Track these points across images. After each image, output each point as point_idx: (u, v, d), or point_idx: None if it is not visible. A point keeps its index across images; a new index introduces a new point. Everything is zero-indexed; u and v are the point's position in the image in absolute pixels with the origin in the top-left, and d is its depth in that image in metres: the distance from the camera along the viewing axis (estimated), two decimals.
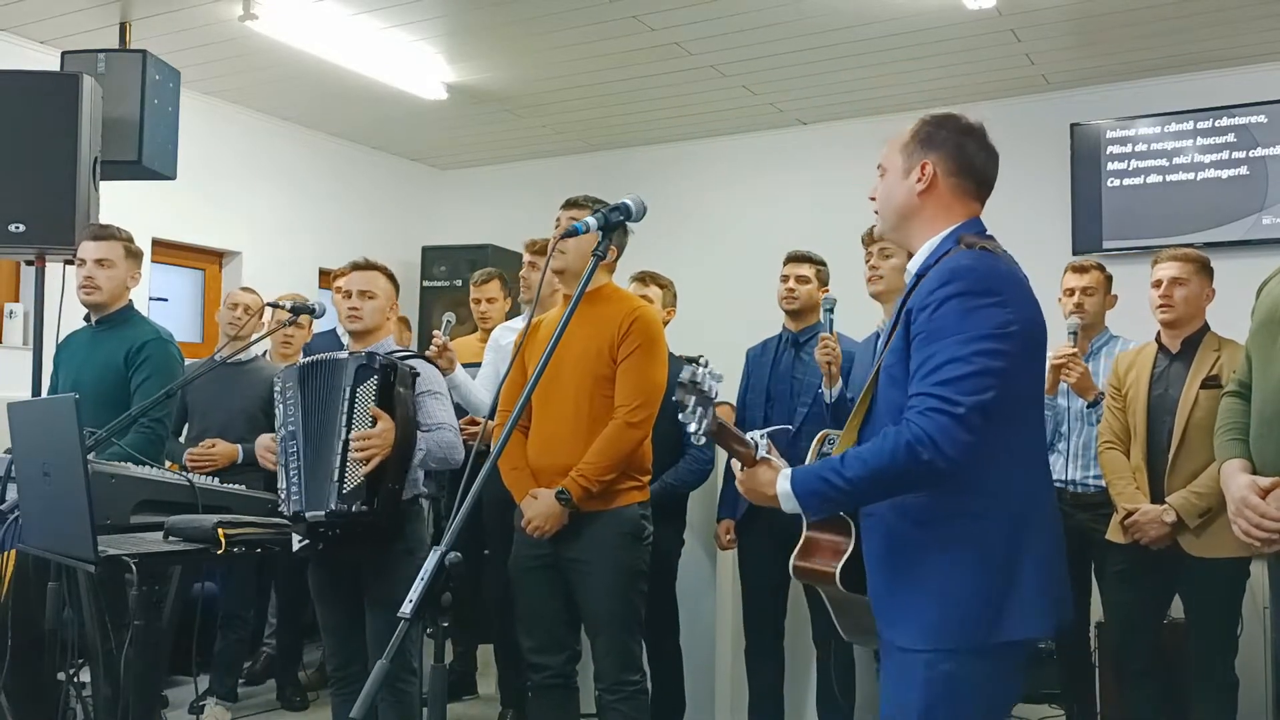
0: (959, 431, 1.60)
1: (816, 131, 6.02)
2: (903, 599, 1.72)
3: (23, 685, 2.97)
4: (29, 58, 4.71)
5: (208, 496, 2.73)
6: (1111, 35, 4.71)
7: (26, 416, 2.64)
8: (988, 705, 1.73)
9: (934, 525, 1.69)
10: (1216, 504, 2.82)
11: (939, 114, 1.93)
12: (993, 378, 1.62)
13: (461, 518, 1.59)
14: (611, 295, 2.79)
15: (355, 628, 2.80)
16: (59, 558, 2.53)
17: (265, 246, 5.91)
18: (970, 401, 1.60)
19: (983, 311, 1.66)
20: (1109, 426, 3.16)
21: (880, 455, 1.64)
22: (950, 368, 1.63)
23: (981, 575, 1.68)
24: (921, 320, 1.70)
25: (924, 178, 1.86)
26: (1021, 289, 1.76)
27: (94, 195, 3.65)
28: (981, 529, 1.68)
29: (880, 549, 1.76)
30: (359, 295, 2.97)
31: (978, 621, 1.67)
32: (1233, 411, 2.28)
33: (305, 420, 2.71)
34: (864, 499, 1.73)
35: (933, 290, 1.70)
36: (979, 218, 1.89)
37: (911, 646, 1.71)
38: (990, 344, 1.64)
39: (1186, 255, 3.07)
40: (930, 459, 1.60)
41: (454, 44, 4.96)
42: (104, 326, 3.26)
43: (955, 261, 1.73)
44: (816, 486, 1.69)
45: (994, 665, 1.70)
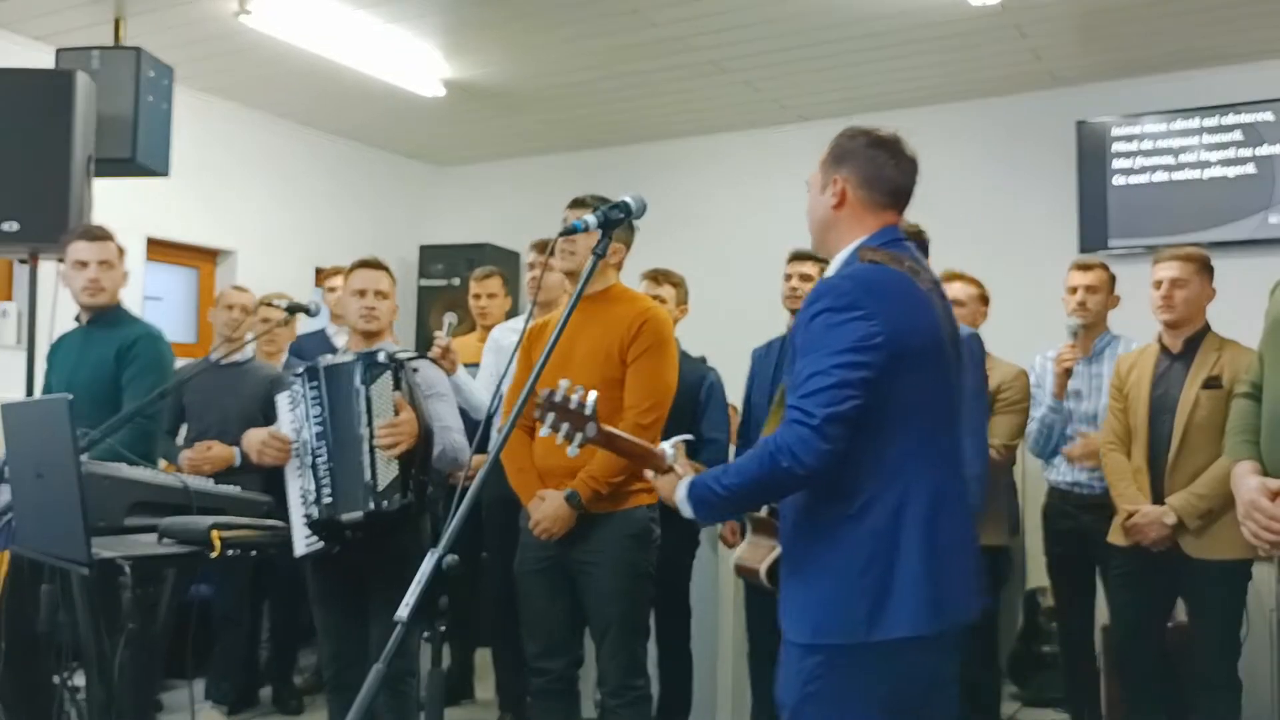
0: (816, 441, 1.71)
1: (819, 128, 5.93)
2: (791, 594, 1.86)
3: (16, 688, 2.95)
4: (23, 55, 4.67)
5: (202, 498, 2.70)
6: (1117, 31, 4.68)
7: (19, 417, 2.61)
8: (867, 702, 1.79)
9: (818, 527, 1.81)
10: (1217, 505, 2.81)
11: (854, 128, 1.99)
12: (852, 389, 1.72)
13: (459, 520, 1.56)
14: (621, 295, 2.77)
15: (354, 632, 2.78)
16: (52, 560, 2.50)
17: (260, 245, 5.87)
18: (825, 413, 1.71)
19: (847, 326, 1.75)
20: (1110, 428, 3.13)
21: (750, 465, 1.78)
22: (813, 380, 1.74)
23: (858, 577, 1.76)
24: (798, 335, 1.83)
25: (836, 193, 1.93)
26: (896, 302, 1.82)
27: (88, 193, 3.63)
28: (860, 530, 1.77)
29: (785, 550, 1.91)
30: (375, 294, 2.95)
31: (856, 619, 1.76)
32: (1244, 413, 2.25)
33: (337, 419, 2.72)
34: (742, 505, 1.92)
35: (807, 307, 1.82)
36: (894, 226, 1.94)
37: (796, 640, 1.83)
38: (850, 356, 1.73)
39: (1187, 255, 3.04)
40: (789, 467, 1.72)
41: (452, 40, 4.92)
42: (96, 326, 3.24)
43: (828, 280, 1.86)
44: (703, 494, 1.84)
45: (874, 663, 1.77)
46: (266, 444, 2.79)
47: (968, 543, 1.87)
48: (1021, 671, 4.18)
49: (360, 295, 2.96)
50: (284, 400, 2.81)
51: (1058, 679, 3.98)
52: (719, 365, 3.71)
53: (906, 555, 1.77)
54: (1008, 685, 4.12)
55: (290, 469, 2.78)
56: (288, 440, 2.78)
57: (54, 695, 2.82)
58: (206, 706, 3.87)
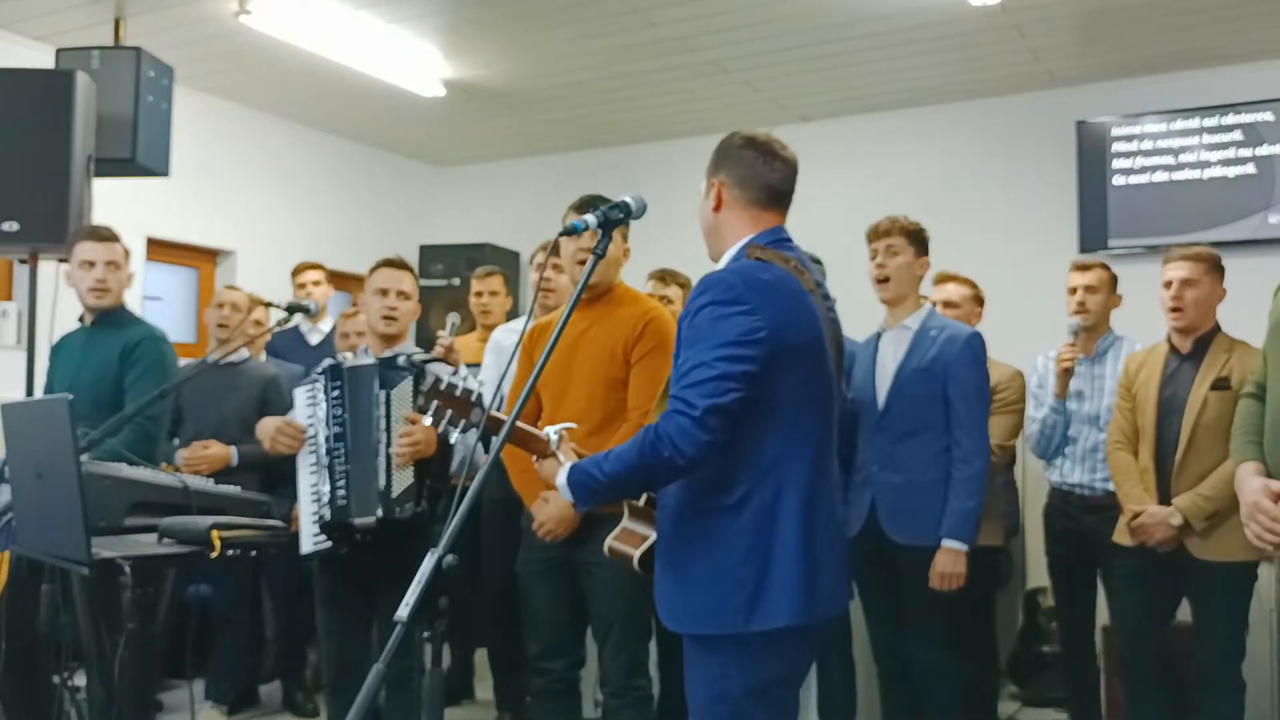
0: (696, 431, 1.73)
1: (819, 128, 5.98)
2: (668, 583, 1.88)
3: (17, 688, 2.95)
4: (23, 55, 4.67)
5: (202, 498, 2.70)
6: (1117, 31, 4.68)
7: (20, 417, 2.61)
8: (759, 687, 1.84)
9: (696, 518, 1.84)
10: (1224, 507, 2.80)
11: (731, 135, 2.05)
12: (734, 381, 1.75)
13: (459, 520, 1.56)
14: (624, 297, 2.74)
15: (358, 634, 2.77)
16: (53, 560, 2.50)
17: (260, 245, 5.87)
18: (706, 404, 1.73)
19: (731, 320, 1.78)
20: (1118, 427, 3.12)
21: (630, 453, 1.79)
22: (695, 372, 1.76)
23: (737, 567, 1.80)
24: (683, 328, 1.85)
25: (714, 195, 2.00)
26: (780, 299, 1.85)
27: (88, 193, 3.63)
28: (738, 522, 1.81)
29: (662, 539, 1.92)
30: (397, 295, 2.91)
31: (732, 610, 1.80)
32: (1249, 414, 2.25)
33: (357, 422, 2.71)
34: (621, 492, 1.91)
35: (692, 300, 1.86)
36: (780, 226, 1.98)
37: (675, 628, 1.87)
38: (733, 350, 1.76)
39: (1198, 255, 3.01)
40: (669, 456, 1.74)
41: (452, 40, 4.92)
42: (100, 327, 3.24)
43: (712, 275, 1.88)
44: (583, 480, 1.85)
45: (758, 652, 1.82)
46: (281, 430, 2.77)
47: (839, 538, 1.93)
48: (1021, 671, 4.18)
49: (382, 295, 2.90)
50: (303, 395, 2.80)
51: (1058, 679, 3.97)
52: None
53: (783, 548, 1.81)
54: (1008, 685, 4.12)
55: (304, 465, 2.77)
56: (302, 429, 2.76)
57: (54, 695, 2.82)
58: (206, 706, 3.87)
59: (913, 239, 2.95)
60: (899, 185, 5.41)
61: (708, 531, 1.83)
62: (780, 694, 1.90)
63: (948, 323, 3.01)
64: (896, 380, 2.91)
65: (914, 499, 2.85)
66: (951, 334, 2.91)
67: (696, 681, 1.88)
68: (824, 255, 3.72)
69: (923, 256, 2.98)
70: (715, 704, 1.85)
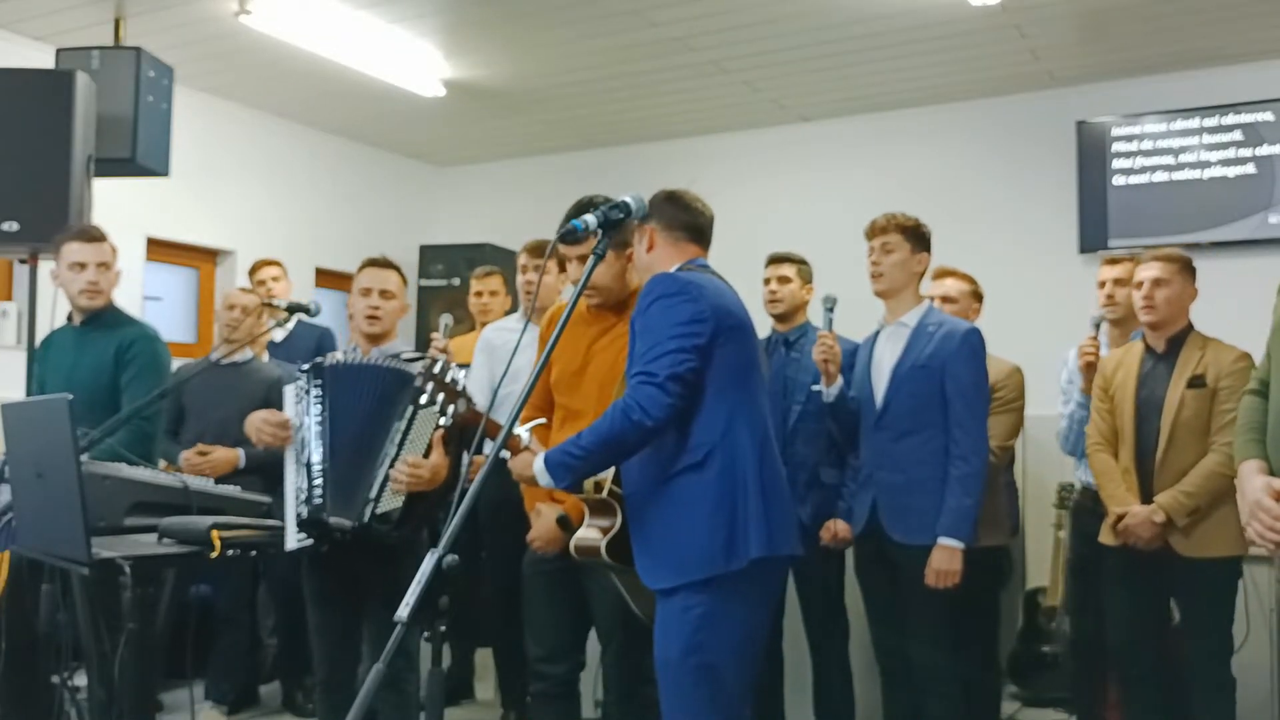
0: (660, 395, 2.04)
1: (819, 128, 5.99)
2: (652, 546, 2.14)
3: (17, 688, 2.96)
4: (23, 55, 4.67)
5: (202, 499, 2.70)
6: (1117, 31, 4.68)
7: (20, 417, 2.61)
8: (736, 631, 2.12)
9: (667, 480, 2.12)
10: (1205, 503, 2.84)
11: (658, 192, 2.37)
12: (688, 354, 2.08)
13: (459, 520, 1.56)
14: None
15: (349, 632, 2.76)
16: (52, 560, 2.51)
17: (260, 245, 5.86)
18: (667, 372, 2.05)
19: (678, 307, 2.12)
20: (1096, 428, 3.13)
21: (603, 424, 2.07)
22: (653, 350, 2.09)
23: (711, 515, 2.09)
24: (637, 324, 2.16)
25: (646, 240, 2.35)
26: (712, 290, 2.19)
27: (88, 193, 3.63)
28: (705, 476, 2.10)
29: (634, 511, 2.18)
30: (380, 294, 2.88)
31: (712, 554, 2.07)
32: (1253, 411, 2.25)
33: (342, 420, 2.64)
34: (598, 463, 2.13)
35: (642, 299, 2.17)
36: (701, 257, 2.35)
37: (665, 585, 2.11)
38: (685, 328, 2.09)
39: (1169, 255, 3.06)
40: (639, 419, 2.03)
41: (452, 40, 4.92)
42: (92, 326, 3.22)
43: (654, 279, 2.21)
44: (561, 458, 2.10)
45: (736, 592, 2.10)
46: (266, 422, 2.73)
47: (784, 484, 2.23)
48: (1021, 671, 4.18)
49: (365, 294, 2.87)
50: (290, 392, 2.78)
51: (1058, 679, 3.98)
52: None
53: (745, 493, 2.11)
54: (1008, 685, 4.12)
55: (289, 462, 2.74)
56: (288, 422, 2.72)
57: (54, 695, 2.82)
58: (206, 706, 3.87)
59: (909, 235, 2.95)
60: (899, 185, 5.41)
61: (679, 491, 2.11)
62: (748, 642, 2.16)
63: (945, 319, 3.00)
64: (894, 378, 2.90)
65: (914, 498, 2.84)
66: (949, 330, 2.90)
67: (670, 637, 2.11)
68: (824, 255, 3.75)
69: (920, 253, 2.97)
70: (687, 656, 2.09)
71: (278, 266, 4.85)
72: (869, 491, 2.94)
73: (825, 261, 3.70)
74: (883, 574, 2.97)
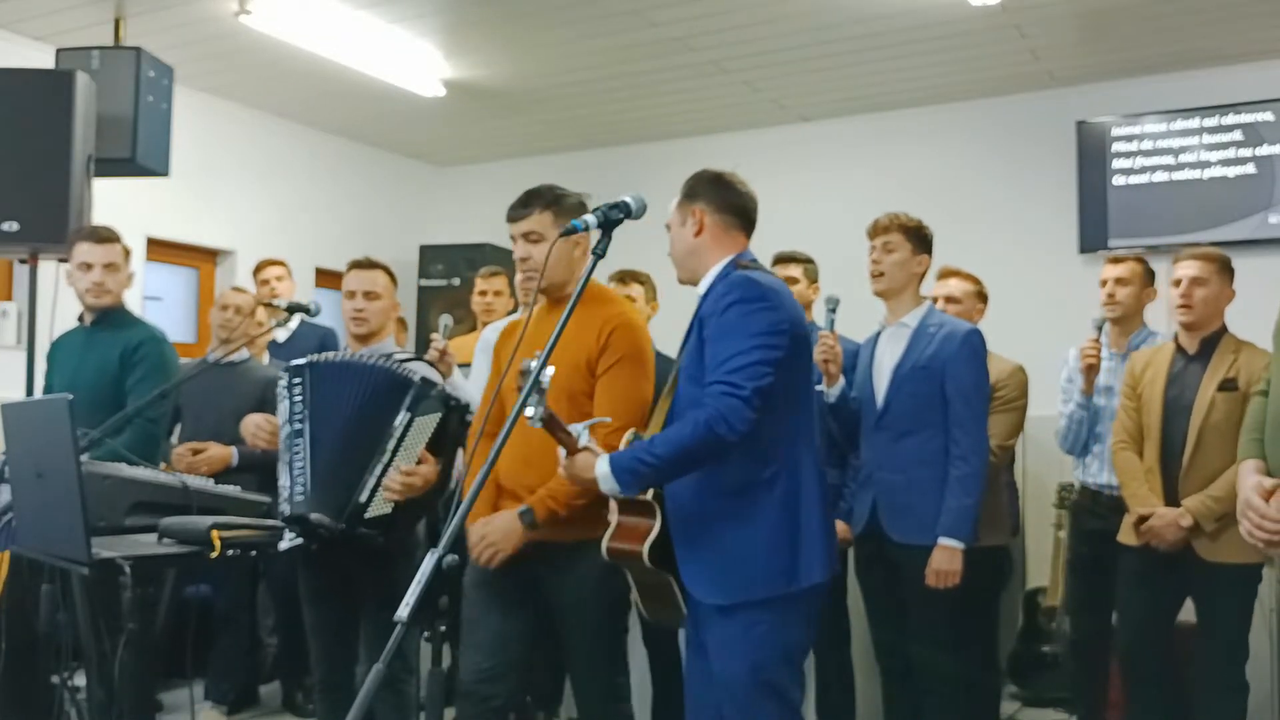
0: (744, 410, 1.98)
1: (819, 128, 5.99)
2: (710, 562, 2.07)
3: (17, 688, 2.95)
4: (23, 55, 4.67)
5: (202, 498, 2.69)
6: (1117, 31, 4.68)
7: (20, 417, 2.61)
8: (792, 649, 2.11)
9: (732, 495, 2.06)
10: (1233, 509, 2.79)
11: (698, 171, 2.30)
12: (768, 366, 2.02)
13: (459, 520, 1.56)
14: (593, 297, 2.47)
15: (344, 631, 2.76)
16: (52, 560, 2.50)
17: (260, 245, 5.86)
18: (753, 385, 1.99)
19: (758, 314, 2.05)
20: (1123, 426, 3.11)
21: (683, 434, 2.01)
22: (735, 359, 2.02)
23: (776, 533, 2.05)
24: (712, 325, 2.09)
25: (695, 221, 2.23)
26: (787, 298, 2.15)
27: (88, 193, 3.63)
28: (771, 494, 2.07)
29: (686, 521, 2.10)
30: (364, 296, 2.90)
31: (776, 574, 2.05)
32: (1258, 411, 2.25)
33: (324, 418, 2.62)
34: (671, 473, 2.05)
35: (718, 300, 2.10)
36: (748, 249, 2.26)
37: (725, 602, 2.06)
38: (765, 339, 2.04)
39: (1207, 255, 3.01)
40: (724, 434, 1.97)
41: (452, 40, 4.92)
42: (99, 327, 3.23)
43: (733, 277, 2.14)
44: (630, 465, 2.02)
45: (793, 613, 2.08)
46: (260, 425, 2.76)
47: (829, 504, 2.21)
48: (1021, 671, 4.18)
49: (350, 297, 2.89)
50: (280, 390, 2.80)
51: (1058, 679, 3.97)
52: None
53: (807, 515, 2.08)
54: (1008, 685, 4.12)
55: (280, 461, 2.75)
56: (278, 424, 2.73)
57: (54, 695, 2.82)
58: (206, 706, 3.87)
59: (911, 236, 2.94)
60: (899, 185, 5.41)
61: (742, 507, 2.06)
62: (799, 660, 2.15)
63: (946, 319, 3.00)
64: (895, 378, 2.90)
65: (914, 498, 2.84)
66: (950, 330, 2.90)
67: (732, 654, 2.06)
68: (824, 255, 3.74)
69: (921, 254, 2.96)
70: (753, 674, 2.05)
71: (282, 266, 4.85)
72: (869, 491, 2.93)
73: (825, 261, 3.69)
74: (883, 574, 2.97)
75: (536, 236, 2.45)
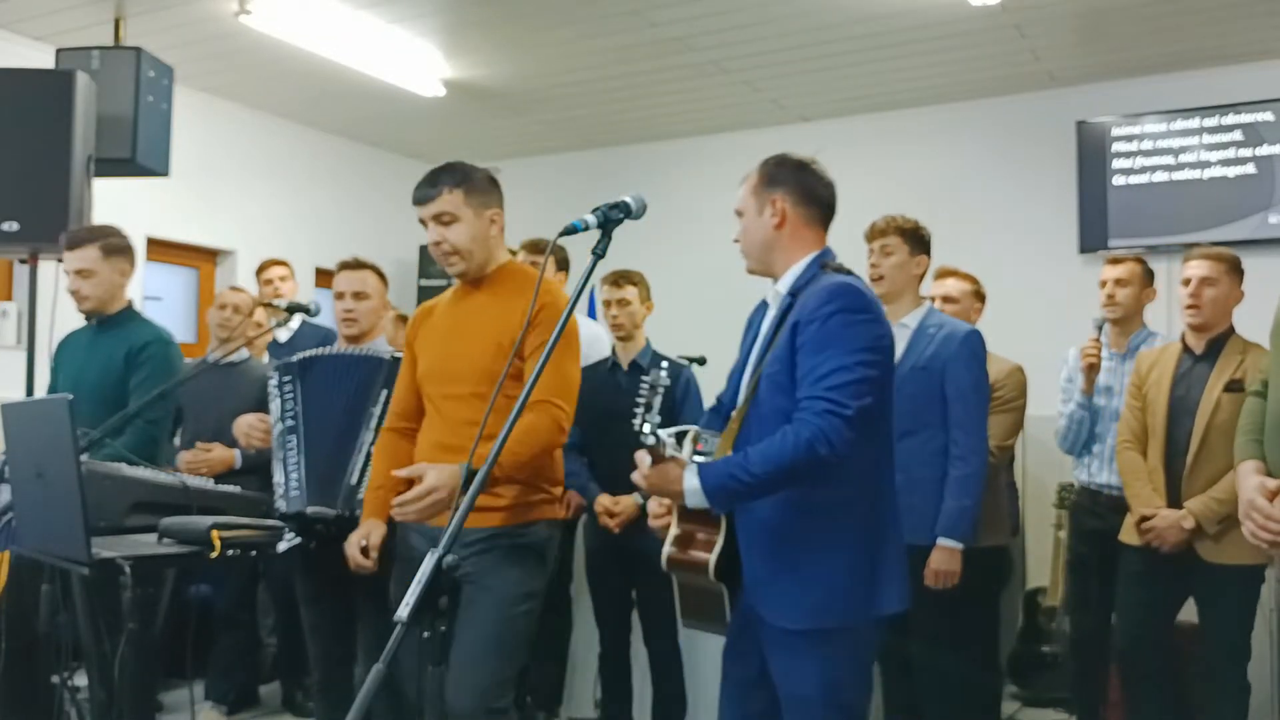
0: (848, 431, 1.84)
1: (819, 128, 5.99)
2: (788, 584, 1.94)
3: (17, 688, 2.95)
4: (23, 55, 4.67)
5: (202, 498, 2.70)
6: (1117, 31, 4.68)
7: (20, 417, 2.61)
8: (862, 676, 2.03)
9: (816, 514, 1.93)
10: (1236, 510, 2.79)
11: (777, 155, 2.16)
12: (870, 385, 1.89)
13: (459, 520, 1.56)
14: (512, 274, 2.40)
15: (340, 632, 2.76)
16: (53, 560, 2.50)
17: (260, 245, 5.86)
18: (856, 405, 1.85)
19: (862, 326, 1.92)
20: (1127, 426, 3.11)
21: (784, 451, 1.85)
22: (837, 374, 1.87)
23: (858, 558, 1.94)
24: (809, 332, 1.92)
25: (776, 211, 2.08)
26: (882, 312, 2.02)
27: (88, 193, 3.63)
28: (855, 517, 1.95)
29: (763, 540, 1.96)
30: (353, 297, 2.91)
31: (856, 600, 1.94)
32: (1255, 412, 2.25)
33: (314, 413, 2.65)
34: (766, 492, 1.91)
35: (819, 306, 1.93)
36: (829, 247, 2.11)
37: (797, 626, 1.93)
38: (869, 355, 1.90)
39: (1218, 254, 3.00)
40: (825, 455, 1.84)
41: (452, 40, 4.92)
42: (105, 327, 3.23)
43: (835, 282, 1.98)
44: (723, 482, 1.88)
45: (867, 639, 2.00)
46: (254, 425, 2.77)
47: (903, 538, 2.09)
48: (1021, 671, 4.18)
49: (339, 298, 2.91)
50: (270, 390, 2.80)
51: (1058, 679, 3.97)
52: (716, 364, 3.71)
53: (886, 540, 1.98)
54: (1008, 685, 4.12)
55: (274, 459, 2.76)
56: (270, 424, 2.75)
57: (54, 695, 2.82)
58: (206, 706, 3.87)
59: (908, 238, 2.94)
60: (899, 185, 5.41)
61: (825, 528, 1.94)
62: (868, 678, 2.08)
63: (946, 320, 3.00)
64: (895, 379, 2.90)
65: (913, 498, 2.82)
66: (949, 331, 2.90)
67: (806, 675, 1.95)
68: None
69: (919, 255, 2.96)
70: (828, 695, 1.94)
71: (285, 267, 4.85)
72: None
73: None
74: None
75: (449, 218, 2.33)
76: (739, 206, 2.15)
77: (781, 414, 1.92)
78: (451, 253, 2.32)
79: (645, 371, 3.52)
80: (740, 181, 2.17)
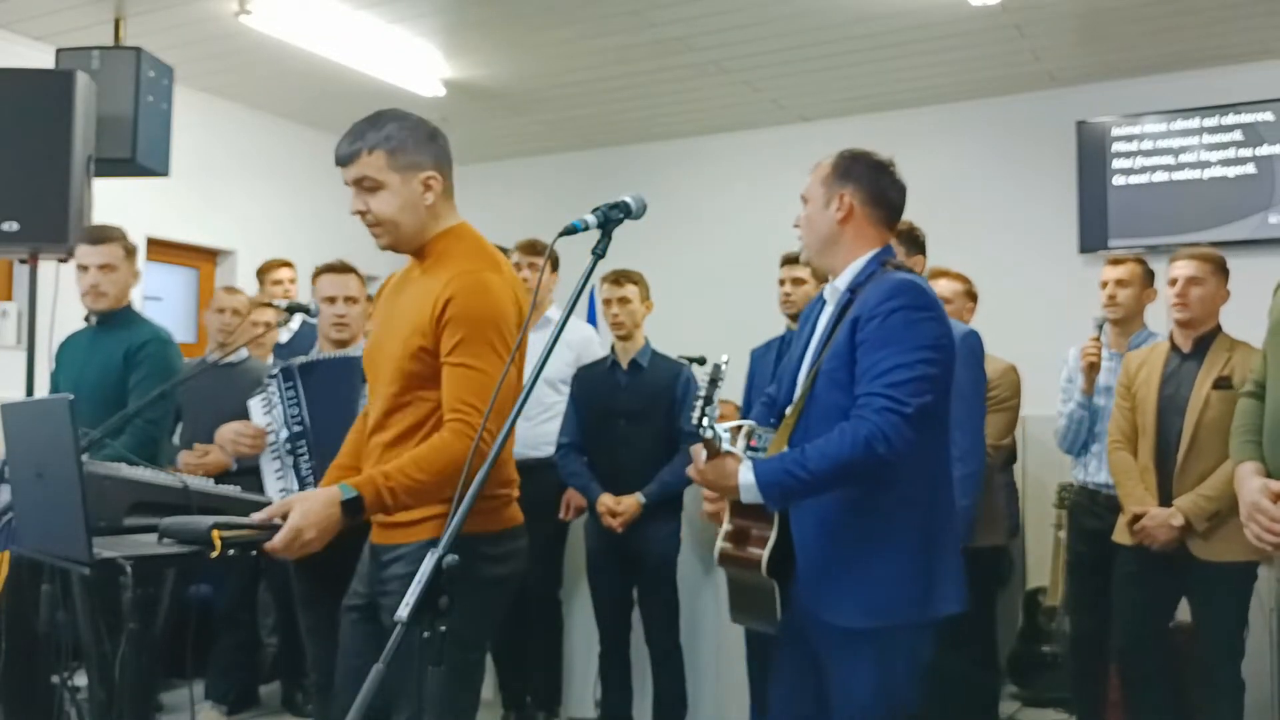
0: (907, 429, 1.82)
1: (819, 128, 5.98)
2: (845, 583, 1.91)
3: (17, 688, 2.95)
4: (23, 55, 4.67)
5: (202, 498, 2.69)
6: (1117, 31, 4.68)
7: (20, 417, 2.60)
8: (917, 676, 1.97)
9: (875, 513, 1.91)
10: (1225, 507, 2.80)
11: (854, 150, 2.16)
12: (930, 383, 1.87)
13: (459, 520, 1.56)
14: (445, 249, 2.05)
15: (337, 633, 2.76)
16: (53, 560, 2.49)
17: (260, 245, 5.86)
18: (917, 403, 1.83)
19: (924, 324, 1.90)
20: (1117, 426, 3.12)
21: (841, 449, 1.83)
22: (897, 372, 1.85)
23: (916, 557, 1.91)
24: (870, 329, 1.90)
25: (842, 207, 2.05)
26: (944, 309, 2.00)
27: (88, 193, 3.63)
28: (914, 516, 1.92)
29: (820, 538, 1.93)
30: (345, 301, 2.90)
31: (913, 600, 1.91)
32: (1249, 413, 2.26)
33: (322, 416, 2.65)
34: (822, 489, 1.89)
35: (880, 303, 1.91)
36: (890, 246, 2.09)
37: (854, 625, 1.90)
38: (930, 353, 1.88)
39: (1204, 255, 3.03)
40: (884, 453, 1.81)
41: (452, 40, 4.92)
42: (105, 327, 3.23)
43: (896, 279, 1.96)
44: (780, 478, 1.86)
45: (924, 639, 1.97)
46: (240, 434, 2.75)
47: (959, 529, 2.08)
48: (1021, 671, 4.18)
49: (330, 302, 2.89)
50: (256, 404, 2.79)
51: (1058, 679, 3.97)
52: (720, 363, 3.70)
53: (944, 540, 1.95)
54: (1008, 685, 4.12)
55: (267, 470, 2.74)
56: (262, 431, 2.73)
57: (54, 695, 2.82)
58: (206, 706, 3.87)
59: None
60: None
61: (884, 526, 1.91)
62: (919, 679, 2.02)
63: None
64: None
65: None
66: None
67: (860, 675, 1.92)
68: None
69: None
70: (881, 693, 1.92)
71: (291, 268, 4.84)
72: None
73: None
74: None
75: (371, 183, 2.02)
76: (805, 193, 2.13)
77: (839, 410, 1.90)
78: (375, 224, 2.01)
79: (644, 370, 3.52)
80: (811, 169, 2.16)
